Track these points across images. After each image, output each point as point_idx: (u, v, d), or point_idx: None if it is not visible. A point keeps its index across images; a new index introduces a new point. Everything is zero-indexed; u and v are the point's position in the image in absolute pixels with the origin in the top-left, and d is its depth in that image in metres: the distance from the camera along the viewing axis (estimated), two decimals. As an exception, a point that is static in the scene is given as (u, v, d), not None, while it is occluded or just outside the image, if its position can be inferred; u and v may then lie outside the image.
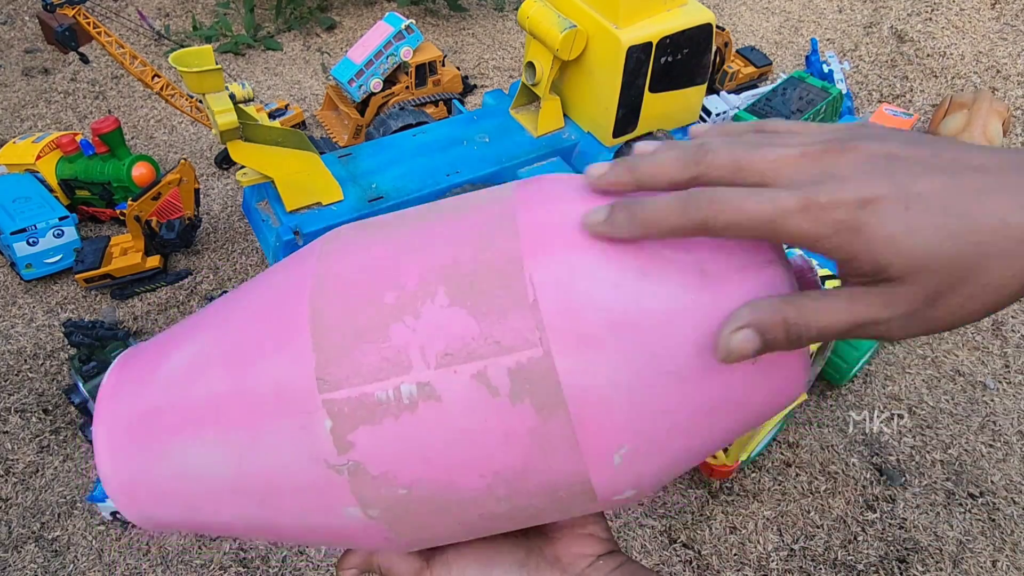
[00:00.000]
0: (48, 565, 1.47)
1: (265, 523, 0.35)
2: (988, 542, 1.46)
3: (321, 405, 0.32)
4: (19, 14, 3.12)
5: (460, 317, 0.31)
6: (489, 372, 0.31)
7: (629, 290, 0.31)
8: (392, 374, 0.31)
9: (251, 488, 0.34)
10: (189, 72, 1.52)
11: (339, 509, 0.33)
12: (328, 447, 0.32)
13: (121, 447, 0.36)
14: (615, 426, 0.31)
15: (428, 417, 0.31)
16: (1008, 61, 2.60)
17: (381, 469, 0.32)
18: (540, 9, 1.87)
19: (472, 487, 0.32)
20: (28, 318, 1.93)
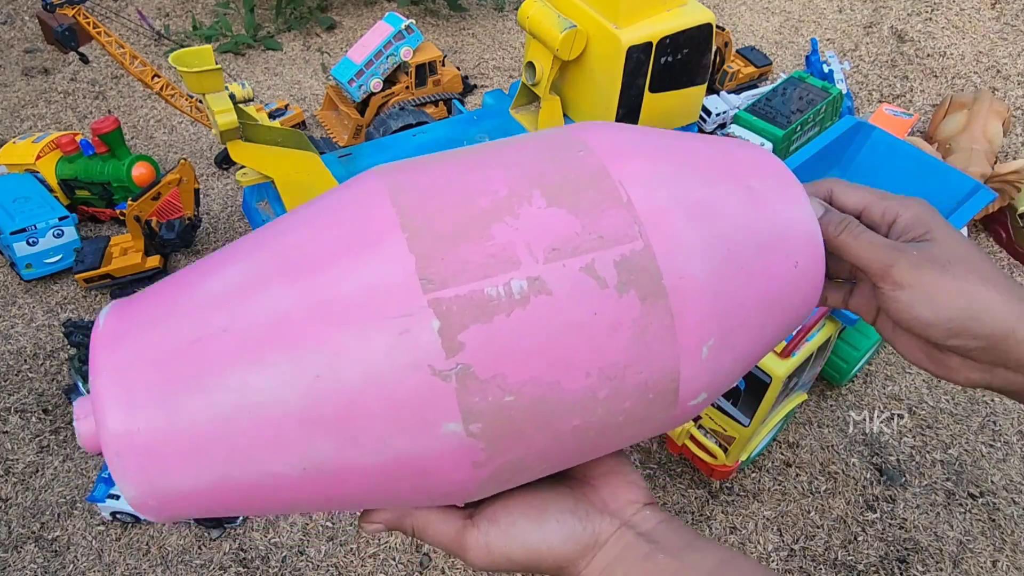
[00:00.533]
0: (48, 565, 1.47)
1: (332, 465, 0.30)
2: (988, 542, 1.46)
3: (427, 305, 0.29)
4: (19, 14, 3.12)
5: (560, 216, 0.32)
6: (596, 265, 0.32)
7: (703, 195, 0.35)
8: (501, 270, 0.30)
9: (326, 416, 0.29)
10: (189, 72, 1.52)
11: (437, 427, 0.30)
12: (435, 350, 0.29)
13: (139, 394, 0.29)
14: (705, 317, 0.33)
15: (540, 312, 0.31)
16: (1008, 61, 2.60)
17: (491, 372, 0.30)
18: (540, 9, 1.87)
19: (576, 387, 0.32)
20: (28, 318, 1.93)
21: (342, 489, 0.32)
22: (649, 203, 0.33)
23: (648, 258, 0.32)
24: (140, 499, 0.30)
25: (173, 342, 0.30)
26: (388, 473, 0.31)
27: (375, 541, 1.49)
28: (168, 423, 0.29)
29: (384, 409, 0.29)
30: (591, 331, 0.31)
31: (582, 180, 0.34)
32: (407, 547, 1.48)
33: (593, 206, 0.33)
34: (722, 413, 1.35)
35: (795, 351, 1.22)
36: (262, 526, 1.52)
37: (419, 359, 0.29)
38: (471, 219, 0.32)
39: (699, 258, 0.33)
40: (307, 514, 0.35)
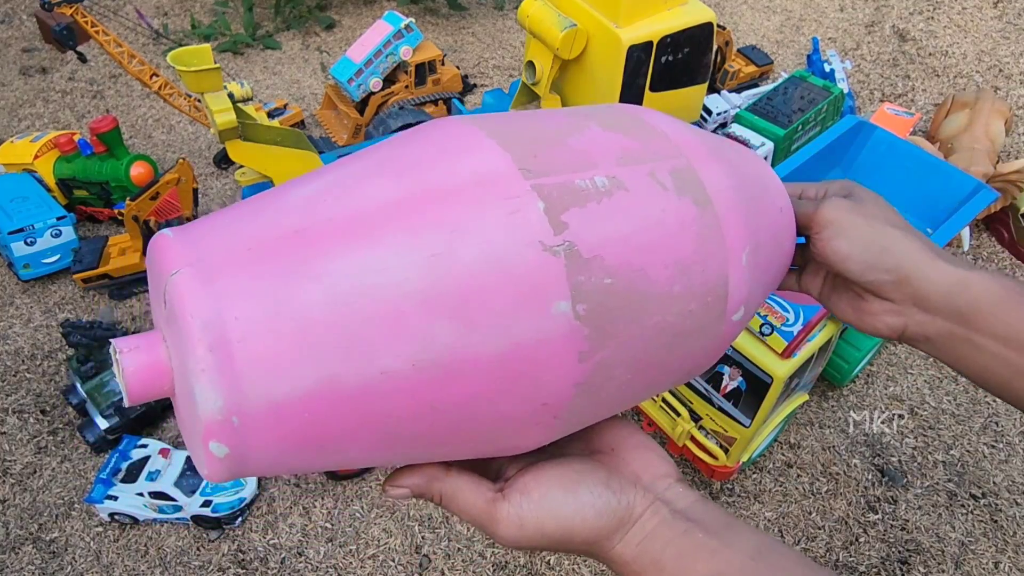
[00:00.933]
0: (46, 567, 1.47)
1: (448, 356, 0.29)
2: (990, 543, 1.45)
3: (531, 189, 0.32)
4: (16, 13, 3.11)
5: (617, 137, 0.38)
6: (657, 172, 0.37)
7: (713, 142, 0.42)
8: (584, 168, 0.34)
9: (447, 295, 0.28)
10: (187, 71, 1.51)
11: (549, 306, 0.31)
12: (544, 227, 0.31)
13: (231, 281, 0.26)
14: (741, 226, 0.39)
15: (623, 203, 0.34)
16: (1011, 60, 2.59)
17: (592, 252, 0.33)
18: (540, 8, 1.86)
19: (658, 278, 0.35)
20: (26, 318, 1.92)
21: (452, 392, 0.29)
22: (680, 137, 0.40)
23: (692, 172, 0.38)
24: (225, 412, 0.26)
25: (268, 233, 0.28)
26: (500, 369, 0.30)
27: (374, 542, 1.48)
28: (272, 311, 0.26)
29: (502, 286, 0.30)
30: (665, 225, 0.36)
31: (623, 119, 0.40)
32: (406, 548, 1.47)
33: (640, 135, 0.39)
34: (723, 414, 1.34)
35: (796, 351, 1.22)
36: (261, 527, 1.51)
37: (531, 236, 0.31)
38: (547, 134, 0.36)
39: (726, 179, 0.39)
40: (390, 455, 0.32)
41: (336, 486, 1.56)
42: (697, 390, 1.38)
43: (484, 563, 1.44)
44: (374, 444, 0.30)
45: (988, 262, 2.00)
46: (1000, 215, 2.02)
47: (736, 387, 1.29)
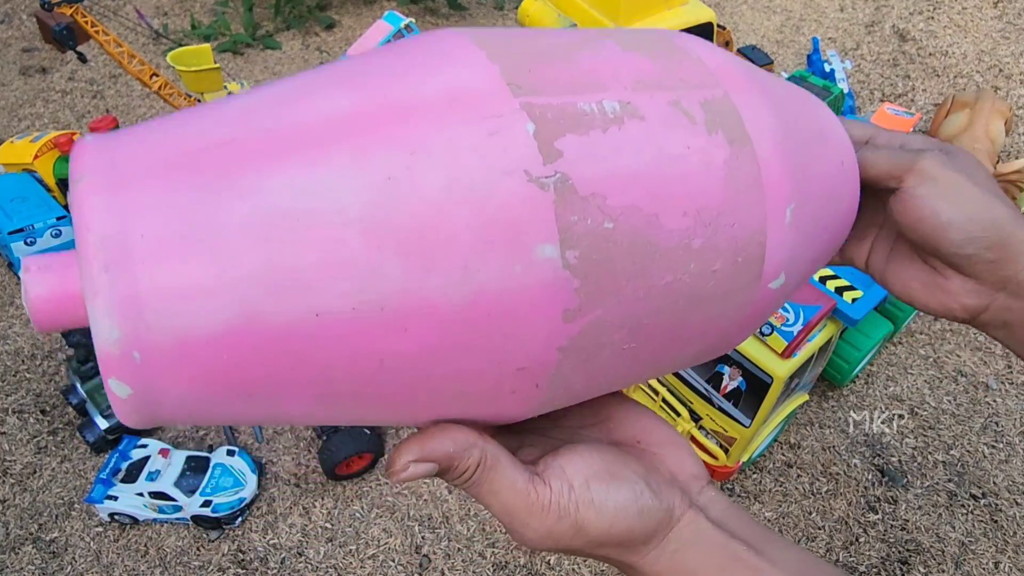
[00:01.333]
0: (46, 567, 1.47)
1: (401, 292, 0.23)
2: (990, 543, 1.45)
3: (519, 107, 0.26)
4: (16, 12, 3.11)
5: (639, 58, 0.31)
6: (683, 102, 0.30)
7: (761, 77, 0.36)
8: (591, 90, 0.28)
9: (399, 227, 0.23)
10: (187, 71, 1.51)
11: (531, 249, 0.25)
12: (531, 153, 0.25)
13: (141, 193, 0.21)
14: (787, 175, 0.32)
15: (635, 134, 0.28)
16: (1011, 60, 2.59)
17: (591, 188, 0.26)
18: (540, 8, 1.86)
19: (674, 227, 0.29)
20: (25, 318, 1.92)
21: (399, 344, 0.24)
22: (720, 64, 0.33)
23: (729, 105, 0.31)
24: (124, 345, 0.21)
25: (194, 143, 0.23)
26: (463, 319, 0.25)
27: (374, 542, 1.48)
28: (185, 230, 0.21)
29: (471, 222, 0.24)
30: (686, 165, 0.29)
31: (650, 41, 0.33)
32: (406, 548, 1.47)
33: (668, 57, 0.32)
34: (723, 414, 1.35)
35: (796, 351, 1.22)
36: (261, 527, 1.51)
37: (513, 162, 0.25)
38: (552, 47, 0.29)
39: (772, 118, 0.33)
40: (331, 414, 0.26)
41: (336, 486, 1.56)
42: (697, 390, 1.38)
43: (484, 563, 1.44)
44: (311, 398, 0.25)
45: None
46: (1000, 215, 2.01)
47: (736, 387, 1.29)
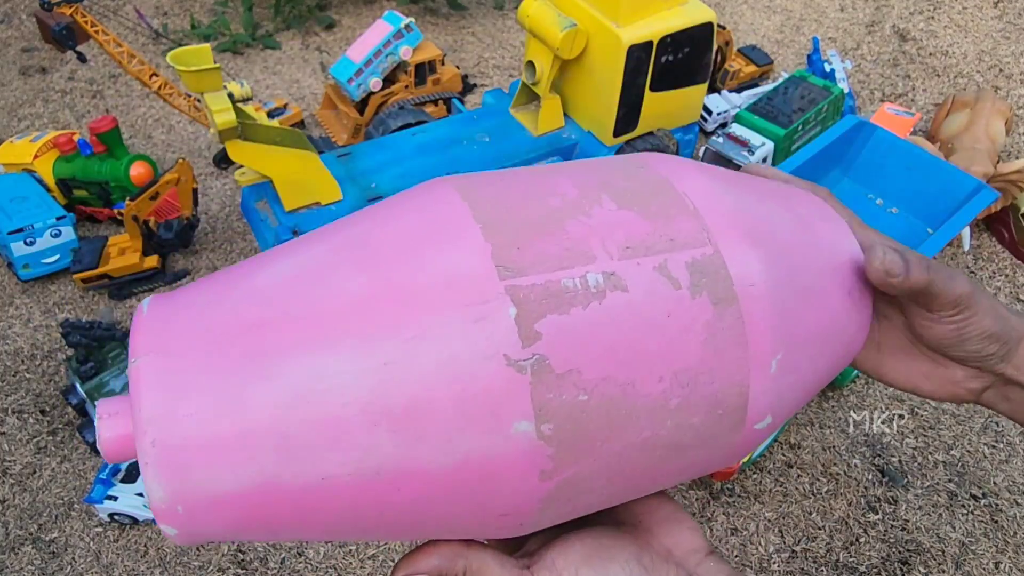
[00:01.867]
0: (45, 567, 1.47)
1: (394, 460, 0.28)
2: (991, 544, 1.45)
3: (504, 291, 0.28)
4: (16, 12, 3.11)
5: (631, 217, 0.32)
6: (669, 265, 0.31)
7: (762, 212, 0.35)
8: (577, 263, 0.30)
9: (394, 406, 0.27)
10: (187, 71, 1.51)
11: (508, 425, 0.28)
12: (511, 338, 0.28)
13: (189, 376, 0.27)
14: (773, 328, 0.33)
15: (616, 307, 0.30)
16: (1011, 60, 2.59)
17: (567, 366, 0.29)
18: (540, 7, 1.86)
19: (649, 392, 0.31)
20: (25, 318, 1.92)
21: (394, 499, 0.28)
22: (715, 213, 0.33)
23: (719, 263, 0.32)
24: (169, 502, 0.27)
25: (230, 325, 0.28)
26: (450, 481, 0.28)
27: (374, 543, 1.48)
28: (219, 410, 0.26)
29: (455, 402, 0.27)
30: (665, 332, 0.31)
31: (648, 189, 0.34)
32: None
33: (662, 212, 0.33)
34: (723, 414, 1.34)
35: (797, 352, 1.21)
36: (261, 528, 1.51)
37: (494, 348, 0.28)
38: (544, 215, 0.31)
39: (764, 270, 0.33)
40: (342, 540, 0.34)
41: (336, 486, 1.56)
42: (697, 390, 1.37)
43: (484, 563, 1.44)
44: (324, 535, 0.30)
45: (988, 262, 2.00)
46: (1001, 215, 2.01)
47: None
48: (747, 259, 0.33)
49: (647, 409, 0.31)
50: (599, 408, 0.29)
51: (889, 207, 1.61)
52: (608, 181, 0.34)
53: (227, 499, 0.27)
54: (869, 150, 1.66)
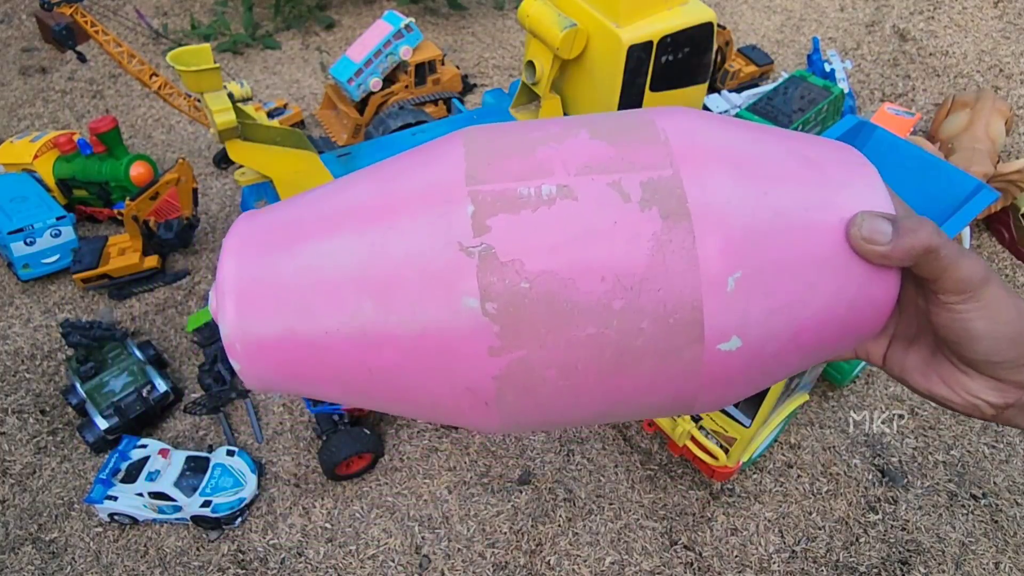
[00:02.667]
0: (45, 567, 1.47)
1: (374, 323, 0.35)
2: (991, 543, 1.45)
3: (467, 195, 0.35)
4: (16, 12, 3.11)
5: (599, 145, 0.37)
6: (623, 182, 0.35)
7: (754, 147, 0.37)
8: (535, 176, 0.36)
9: (374, 278, 0.35)
10: (187, 71, 1.51)
11: (457, 300, 0.34)
12: (465, 229, 0.34)
13: (248, 252, 0.37)
14: (731, 247, 0.34)
15: (563, 212, 0.34)
16: (1011, 60, 2.59)
17: (510, 256, 0.34)
18: (540, 7, 1.85)
19: (590, 290, 0.34)
20: (25, 318, 1.92)
21: (379, 359, 0.36)
22: (686, 143, 0.36)
23: (675, 183, 0.35)
24: (230, 339, 0.36)
25: (282, 222, 0.38)
26: (417, 348, 0.35)
27: (374, 543, 1.48)
28: (260, 272, 0.37)
29: (417, 277, 0.34)
30: (610, 237, 0.34)
31: (627, 125, 0.38)
32: (406, 548, 1.47)
33: (630, 141, 0.37)
34: (723, 414, 1.34)
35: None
36: (260, 528, 1.51)
37: (451, 237, 0.34)
38: (520, 143, 0.37)
39: (729, 193, 0.35)
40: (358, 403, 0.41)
41: (336, 486, 1.56)
42: (697, 390, 1.37)
43: (484, 563, 1.44)
44: (337, 386, 0.38)
45: (989, 262, 2.00)
46: (1001, 215, 2.01)
47: (736, 387, 1.29)
48: (709, 181, 0.35)
49: (588, 306, 0.34)
50: (540, 297, 0.34)
51: (889, 207, 1.61)
52: (595, 120, 0.39)
53: (263, 343, 0.36)
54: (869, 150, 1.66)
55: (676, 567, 1.42)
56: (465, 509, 1.52)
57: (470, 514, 1.51)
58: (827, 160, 0.38)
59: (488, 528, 1.49)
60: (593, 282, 0.34)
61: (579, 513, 1.50)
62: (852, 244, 0.36)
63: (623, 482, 1.55)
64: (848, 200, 0.37)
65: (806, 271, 0.36)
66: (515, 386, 0.35)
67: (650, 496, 1.52)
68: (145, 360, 1.71)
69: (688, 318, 0.34)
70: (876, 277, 0.37)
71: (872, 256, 0.36)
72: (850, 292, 0.37)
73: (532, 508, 1.51)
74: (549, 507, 1.51)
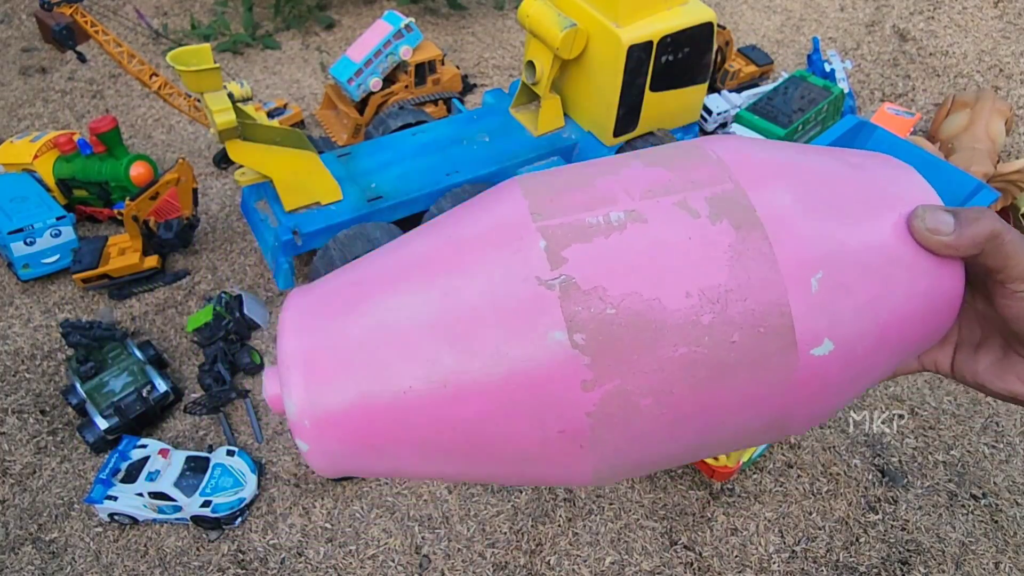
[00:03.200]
0: (46, 567, 1.47)
1: (456, 371, 0.33)
2: (991, 543, 1.45)
3: (536, 231, 0.35)
4: (16, 12, 3.11)
5: (656, 171, 0.37)
6: (688, 200, 0.35)
7: (801, 158, 0.38)
8: (600, 206, 0.36)
9: (450, 325, 0.34)
10: (187, 71, 1.51)
11: (544, 335, 0.33)
12: (541, 263, 0.34)
13: (309, 322, 0.36)
14: (809, 247, 0.35)
15: (636, 234, 0.34)
16: (1011, 60, 2.59)
17: (592, 284, 0.33)
18: (540, 7, 1.86)
19: (677, 307, 0.34)
20: (25, 318, 1.92)
21: (464, 410, 0.34)
22: (740, 160, 0.37)
23: (739, 195, 0.36)
24: (298, 416, 0.34)
25: (338, 285, 0.37)
26: (504, 393, 0.33)
27: (374, 543, 1.48)
28: (325, 340, 0.35)
29: (498, 317, 0.33)
30: (687, 253, 0.34)
31: (678, 152, 0.39)
32: (406, 548, 1.47)
33: (685, 164, 0.37)
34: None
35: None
36: (261, 528, 1.51)
37: (528, 272, 0.33)
38: (577, 177, 0.38)
39: (792, 197, 0.36)
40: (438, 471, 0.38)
41: (336, 486, 1.56)
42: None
43: (484, 563, 1.44)
44: (418, 453, 0.35)
45: (988, 262, 2.00)
46: (1001, 215, 2.01)
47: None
48: (770, 190, 0.36)
49: (677, 324, 0.33)
50: (628, 321, 0.33)
51: (889, 207, 1.62)
52: (645, 152, 0.40)
53: (336, 415, 0.34)
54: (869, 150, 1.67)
55: (676, 567, 1.42)
56: (465, 509, 1.52)
57: (470, 514, 1.51)
58: (870, 164, 0.40)
59: (488, 528, 1.49)
60: (679, 299, 0.33)
61: (579, 513, 1.50)
62: (917, 236, 0.37)
63: (623, 482, 1.55)
64: (902, 197, 0.38)
65: (879, 266, 0.36)
66: (610, 421, 0.34)
67: (650, 496, 1.52)
68: (145, 360, 1.71)
69: (778, 324, 0.34)
70: (943, 268, 0.37)
71: (938, 247, 0.36)
72: (922, 284, 0.37)
73: (532, 508, 1.51)
74: (549, 507, 1.51)
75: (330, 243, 1.77)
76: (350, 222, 1.80)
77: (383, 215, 1.85)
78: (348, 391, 0.34)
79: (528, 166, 2.01)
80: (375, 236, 1.76)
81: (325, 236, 1.79)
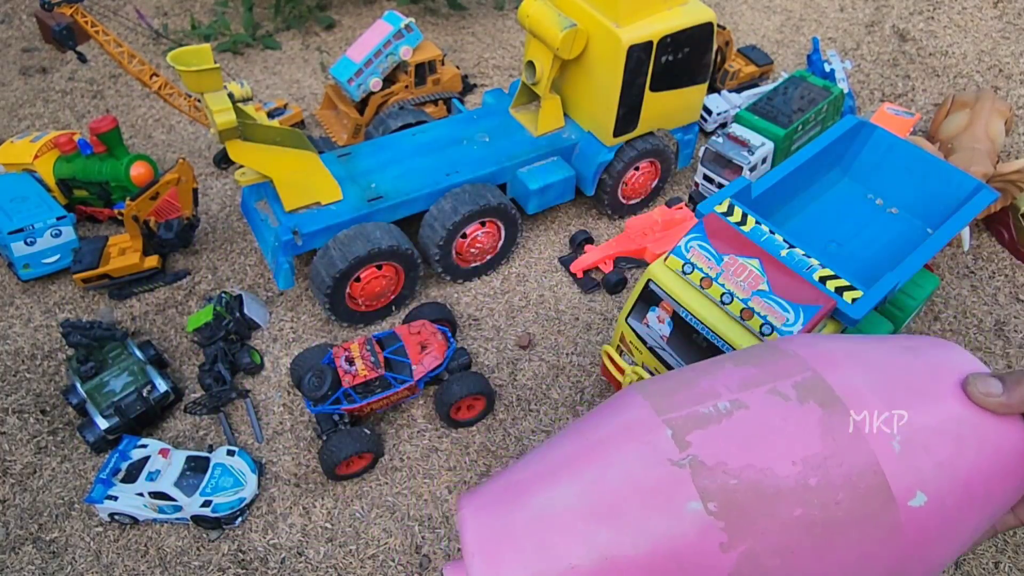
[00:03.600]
0: (46, 567, 1.47)
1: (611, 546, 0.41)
2: (991, 543, 1.45)
3: (662, 423, 0.44)
4: (16, 13, 3.11)
5: (745, 369, 0.48)
6: (778, 388, 0.45)
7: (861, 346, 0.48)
8: (707, 400, 0.45)
9: (600, 507, 0.42)
10: (187, 71, 1.51)
11: (682, 505, 0.41)
12: (670, 448, 0.43)
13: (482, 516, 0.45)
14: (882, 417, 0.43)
15: (743, 418, 0.44)
16: (1011, 60, 2.59)
17: (715, 460, 0.41)
18: (540, 8, 1.86)
19: (787, 473, 0.41)
20: (26, 318, 1.92)
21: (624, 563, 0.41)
22: (810, 353, 0.47)
23: (818, 380, 0.45)
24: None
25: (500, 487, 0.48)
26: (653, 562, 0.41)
27: (374, 542, 1.48)
28: (498, 529, 0.43)
29: (639, 495, 0.41)
30: (785, 430, 0.43)
31: (759, 352, 0.48)
32: (406, 548, 1.47)
33: (768, 361, 0.47)
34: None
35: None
36: (261, 527, 1.51)
37: (660, 457, 0.42)
38: (685, 382, 0.49)
39: (861, 377, 0.45)
40: None
41: (336, 486, 1.56)
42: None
43: (484, 563, 1.44)
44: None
45: (988, 262, 2.00)
46: (1000, 215, 2.01)
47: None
48: (843, 373, 0.45)
49: (790, 488, 0.41)
50: (749, 488, 0.41)
51: (889, 207, 1.61)
52: (732, 356, 0.49)
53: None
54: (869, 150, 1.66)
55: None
56: (465, 509, 1.52)
57: (470, 514, 1.51)
58: (917, 344, 0.49)
59: (488, 528, 1.49)
60: (787, 467, 0.41)
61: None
62: (975, 400, 0.46)
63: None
64: (953, 369, 0.47)
65: (949, 428, 0.45)
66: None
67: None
68: (145, 360, 1.71)
69: (874, 482, 0.41)
70: (1004, 424, 0.46)
71: (996, 407, 0.44)
72: (991, 440, 0.45)
73: (532, 508, 1.51)
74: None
75: (330, 243, 1.77)
76: (350, 222, 1.80)
77: (383, 215, 1.85)
78: (521, 572, 0.41)
79: (528, 166, 2.01)
80: (375, 236, 1.76)
81: (325, 236, 1.79)
